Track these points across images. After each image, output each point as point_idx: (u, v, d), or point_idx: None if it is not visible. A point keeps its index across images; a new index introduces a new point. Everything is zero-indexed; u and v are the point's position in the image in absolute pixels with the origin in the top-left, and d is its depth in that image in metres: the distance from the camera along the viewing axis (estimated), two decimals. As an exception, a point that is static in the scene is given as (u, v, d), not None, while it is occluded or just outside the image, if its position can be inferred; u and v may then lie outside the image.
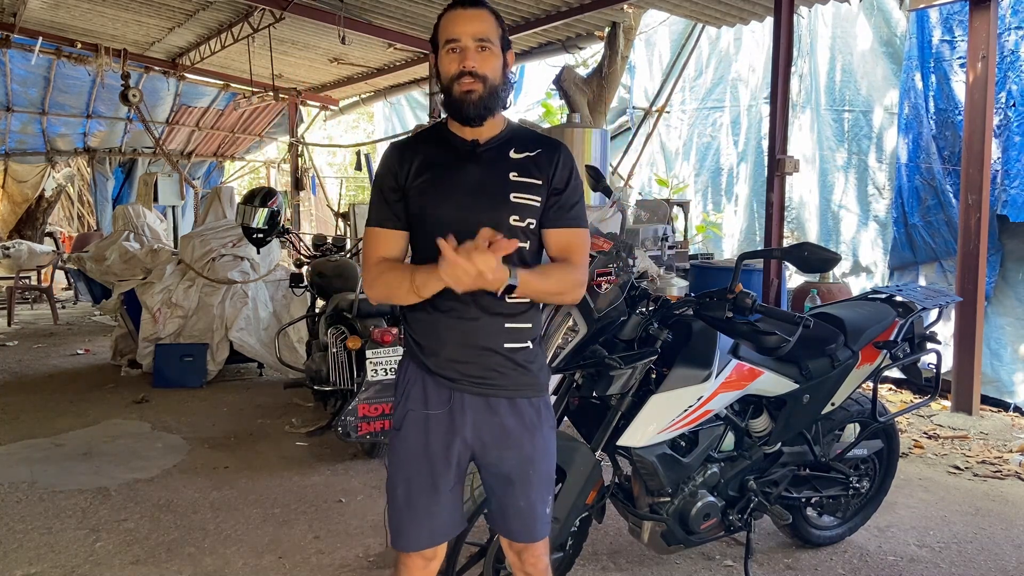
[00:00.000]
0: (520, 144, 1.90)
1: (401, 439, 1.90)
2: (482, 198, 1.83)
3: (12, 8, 9.00)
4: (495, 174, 1.85)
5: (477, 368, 1.85)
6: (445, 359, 1.85)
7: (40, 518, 3.60)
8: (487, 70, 1.80)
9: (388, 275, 1.82)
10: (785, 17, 5.60)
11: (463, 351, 1.85)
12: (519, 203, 1.84)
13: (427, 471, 1.87)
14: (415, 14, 8.26)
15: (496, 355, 1.85)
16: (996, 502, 3.84)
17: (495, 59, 1.82)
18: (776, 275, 5.65)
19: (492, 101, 1.82)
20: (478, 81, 1.79)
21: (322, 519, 3.58)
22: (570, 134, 5.20)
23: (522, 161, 1.87)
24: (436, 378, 1.87)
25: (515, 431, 1.88)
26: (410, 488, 1.89)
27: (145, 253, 7.28)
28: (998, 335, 5.57)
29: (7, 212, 13.04)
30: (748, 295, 2.37)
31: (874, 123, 6.99)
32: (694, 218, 8.69)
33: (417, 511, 1.89)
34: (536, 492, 1.92)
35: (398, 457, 1.91)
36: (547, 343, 2.41)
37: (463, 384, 1.86)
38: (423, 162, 1.85)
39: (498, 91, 1.83)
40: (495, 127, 1.89)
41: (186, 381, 6.02)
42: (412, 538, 1.90)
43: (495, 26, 1.84)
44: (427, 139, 1.93)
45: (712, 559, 3.18)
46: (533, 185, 1.86)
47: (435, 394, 1.87)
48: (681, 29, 9.04)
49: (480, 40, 1.79)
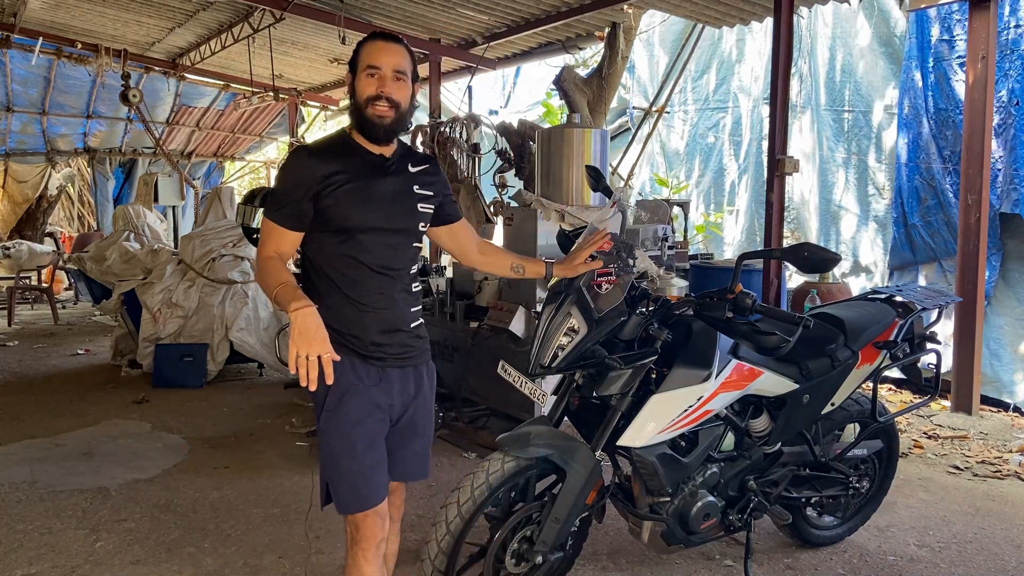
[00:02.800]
0: (413, 159, 2.24)
1: (341, 413, 2.10)
2: (399, 207, 2.14)
3: (12, 8, 9.00)
4: (405, 187, 2.17)
5: (396, 347, 2.16)
6: (371, 343, 2.12)
7: (40, 518, 3.60)
8: (400, 98, 2.08)
9: (265, 276, 2.02)
10: (785, 17, 5.60)
11: (385, 335, 2.14)
12: (423, 212, 2.22)
13: (366, 431, 2.11)
14: (415, 14, 8.26)
15: (406, 333, 2.19)
16: (996, 502, 3.84)
17: (407, 89, 2.11)
18: (776, 275, 5.65)
19: (399, 126, 2.12)
20: (392, 108, 2.06)
21: (322, 519, 3.57)
22: (570, 134, 5.19)
23: (419, 175, 2.22)
24: (367, 360, 2.13)
25: (422, 390, 2.26)
26: (355, 450, 2.10)
27: (145, 253, 7.29)
28: (998, 335, 5.57)
29: (7, 212, 13.04)
30: (748, 295, 2.37)
31: (874, 123, 6.99)
32: (694, 218, 8.69)
33: (368, 468, 2.11)
34: (428, 432, 2.33)
35: (339, 430, 2.10)
36: (547, 343, 2.41)
37: (388, 361, 2.15)
38: (340, 171, 2.06)
39: (405, 117, 2.12)
40: (394, 144, 2.19)
41: (186, 381, 6.02)
42: (373, 493, 2.11)
43: (410, 61, 2.12)
44: (336, 149, 2.13)
45: (712, 559, 3.19)
46: (429, 196, 2.23)
47: (365, 373, 2.12)
48: (681, 29, 9.05)
49: (397, 71, 2.07)
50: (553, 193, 5.21)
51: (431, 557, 2.40)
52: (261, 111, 13.43)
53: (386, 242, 2.12)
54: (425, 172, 2.24)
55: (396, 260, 2.15)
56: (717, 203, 8.93)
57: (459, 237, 2.42)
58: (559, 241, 2.74)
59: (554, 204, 4.86)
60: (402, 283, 2.18)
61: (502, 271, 2.50)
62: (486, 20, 8.14)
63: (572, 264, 2.43)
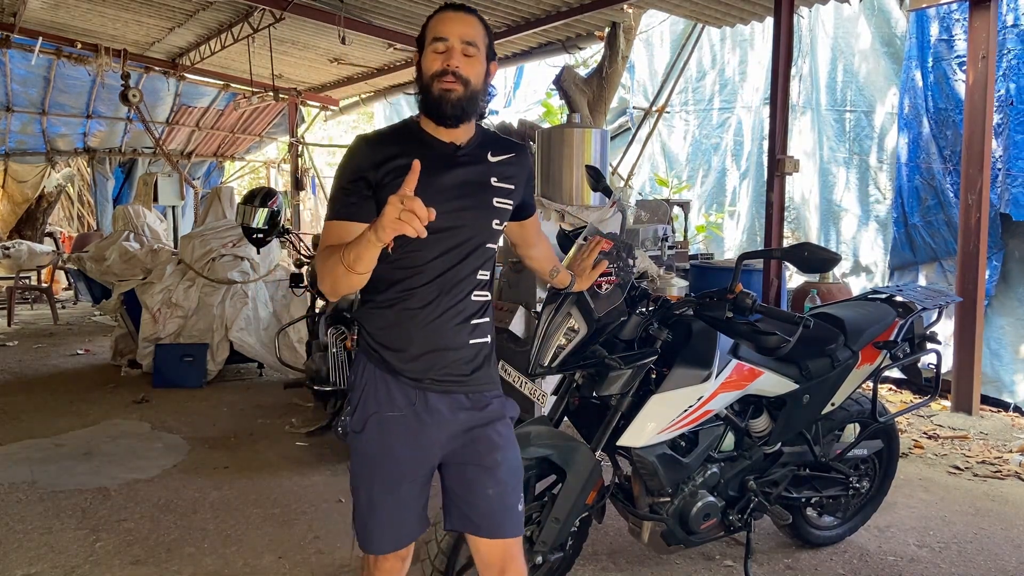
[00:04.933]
0: (495, 147, 1.93)
1: (364, 440, 1.87)
2: (467, 202, 1.84)
3: (12, 8, 8.99)
4: (478, 179, 1.87)
5: (440, 368, 1.84)
6: (410, 358, 1.83)
7: (40, 518, 3.60)
8: (470, 74, 1.79)
9: (327, 261, 1.70)
10: (785, 17, 5.60)
11: (431, 353, 1.83)
12: (500, 207, 1.90)
13: (390, 473, 1.86)
14: (415, 14, 8.25)
15: (460, 351, 1.86)
16: (996, 502, 3.84)
17: (479, 65, 1.82)
18: (776, 275, 5.65)
19: (470, 105, 1.81)
20: (459, 82, 1.77)
21: (322, 519, 3.58)
22: (570, 134, 5.20)
23: (499, 165, 1.91)
24: (400, 379, 1.84)
25: (480, 420, 1.88)
26: (372, 490, 1.87)
27: (145, 253, 7.28)
28: (998, 335, 5.57)
29: (7, 212, 13.03)
30: (748, 295, 2.37)
31: (875, 123, 6.99)
32: (695, 218, 8.69)
33: (381, 513, 1.88)
34: (504, 482, 1.89)
35: (359, 459, 1.89)
36: (547, 343, 2.41)
37: (427, 383, 1.84)
38: (401, 160, 1.76)
39: (477, 96, 1.81)
40: (469, 130, 1.88)
41: (186, 381, 6.02)
42: (378, 540, 1.89)
43: (483, 34, 1.84)
44: (401, 136, 1.86)
45: (712, 559, 3.18)
46: (509, 190, 1.92)
47: (399, 395, 1.85)
48: (681, 29, 9.04)
49: (467, 43, 1.79)
50: (553, 193, 5.21)
51: (431, 557, 2.40)
52: (261, 111, 13.42)
53: (449, 244, 1.80)
54: (508, 162, 1.93)
55: (459, 264, 1.84)
56: (719, 204, 8.93)
57: (527, 231, 2.16)
58: (559, 241, 2.73)
59: (554, 204, 4.87)
60: (463, 291, 1.85)
61: (542, 272, 2.30)
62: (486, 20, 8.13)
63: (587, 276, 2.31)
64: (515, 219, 2.06)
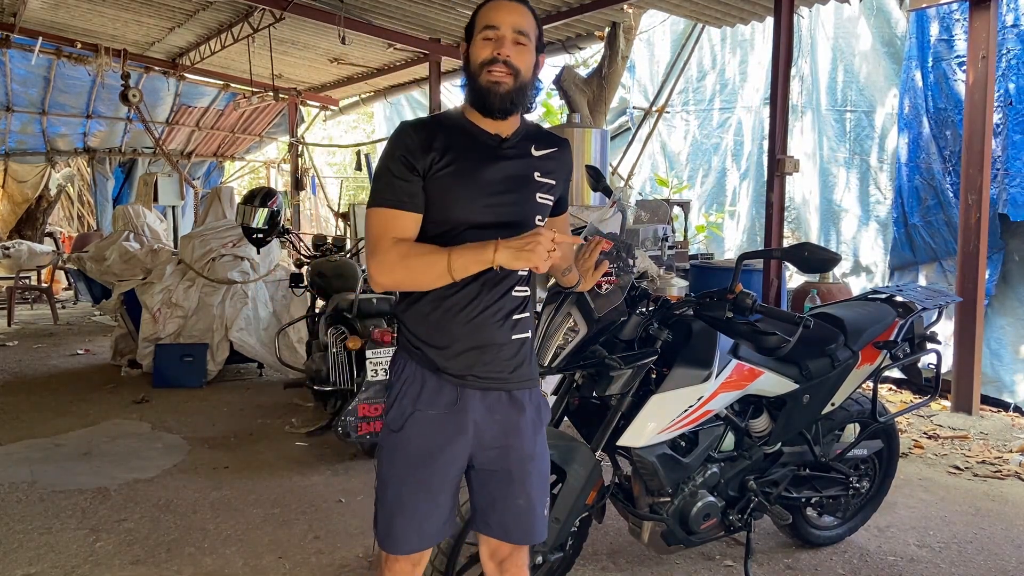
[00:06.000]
0: (539, 141, 1.90)
1: (401, 439, 1.83)
2: (512, 197, 1.81)
3: (12, 8, 9.00)
4: (522, 173, 1.84)
5: (483, 364, 1.82)
6: (453, 355, 1.80)
7: (40, 518, 3.60)
8: (521, 64, 1.75)
9: (414, 260, 1.71)
10: (785, 17, 5.60)
11: (474, 350, 1.81)
12: (542, 203, 1.87)
13: (425, 473, 1.83)
14: (415, 14, 8.26)
15: (502, 347, 1.83)
16: (996, 502, 3.84)
17: (529, 55, 1.78)
18: (776, 275, 5.65)
19: (519, 97, 1.77)
20: (510, 73, 1.74)
21: (322, 519, 3.58)
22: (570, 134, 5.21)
23: (543, 160, 1.88)
24: (441, 376, 1.82)
25: (518, 426, 1.86)
26: (402, 489, 1.84)
27: (145, 253, 7.28)
28: (998, 335, 5.57)
29: (7, 212, 13.03)
30: (748, 295, 2.37)
31: (876, 123, 6.99)
32: (695, 218, 8.69)
33: (410, 513, 1.84)
34: (536, 490, 1.89)
35: (393, 457, 1.85)
36: (547, 343, 2.41)
37: (469, 380, 1.82)
38: (448, 149, 1.76)
39: (526, 88, 1.78)
40: (515, 122, 1.85)
41: (186, 381, 6.02)
42: (402, 540, 1.86)
43: (535, 24, 1.81)
44: (446, 124, 1.82)
45: (712, 559, 3.18)
46: (551, 185, 1.90)
47: (439, 393, 1.82)
48: (681, 29, 9.05)
49: (519, 32, 1.75)
50: (553, 193, 5.22)
51: (431, 557, 2.40)
52: (261, 111, 13.42)
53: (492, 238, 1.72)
54: (550, 156, 1.90)
55: None
56: (719, 204, 8.93)
57: (557, 228, 2.05)
58: (559, 241, 2.73)
59: (554, 204, 4.88)
60: (505, 287, 1.82)
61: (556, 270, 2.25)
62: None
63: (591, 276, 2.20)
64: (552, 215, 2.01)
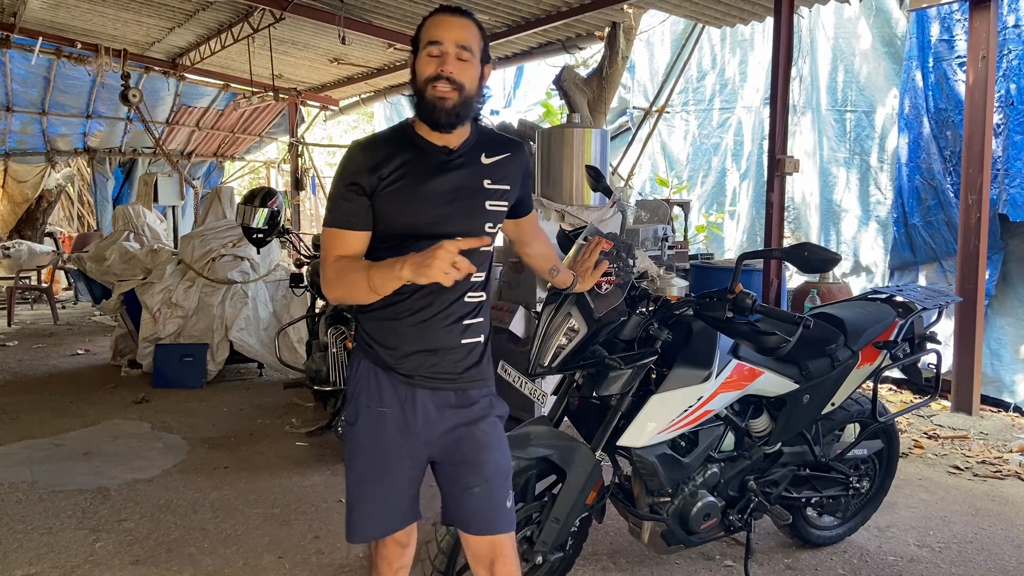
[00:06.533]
0: (489, 148, 1.93)
1: (356, 433, 1.94)
2: (458, 207, 1.85)
3: (12, 8, 8.99)
4: (470, 183, 1.88)
5: (429, 366, 1.89)
6: (402, 356, 1.89)
7: (40, 518, 3.60)
8: (464, 78, 1.80)
9: (348, 276, 1.78)
10: (785, 17, 5.60)
11: (422, 353, 1.88)
12: (493, 210, 1.91)
13: (379, 466, 1.92)
14: (415, 14, 8.25)
15: (452, 351, 1.90)
16: (996, 502, 3.84)
17: (473, 69, 1.82)
18: (776, 275, 5.65)
19: (464, 110, 1.82)
20: (454, 89, 1.78)
21: (322, 519, 3.58)
22: (570, 134, 5.20)
23: (493, 167, 1.92)
24: (392, 374, 1.90)
25: (468, 418, 1.93)
26: (360, 481, 1.94)
27: (145, 253, 7.28)
28: (998, 335, 5.57)
29: (7, 212, 13.03)
30: (748, 295, 2.37)
31: (876, 123, 6.99)
32: (695, 218, 8.69)
33: (367, 503, 1.94)
34: (493, 479, 1.93)
35: (351, 450, 1.96)
36: (547, 343, 2.41)
37: (417, 380, 1.90)
38: (395, 166, 1.82)
39: (471, 101, 1.83)
40: (463, 133, 1.89)
41: (186, 381, 6.02)
42: (359, 529, 1.96)
43: (478, 37, 1.84)
44: (394, 141, 1.88)
45: (712, 559, 3.18)
46: (504, 191, 1.93)
47: (390, 391, 1.91)
48: (681, 29, 9.04)
49: (462, 47, 1.79)
50: (553, 193, 5.21)
51: (431, 557, 2.40)
52: (261, 111, 13.42)
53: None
54: (502, 162, 1.93)
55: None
56: (719, 204, 8.93)
57: (524, 229, 2.17)
58: (559, 241, 2.73)
59: (554, 204, 4.87)
60: (456, 294, 1.87)
61: (541, 271, 2.31)
62: (486, 20, 8.13)
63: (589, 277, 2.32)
64: (511, 217, 2.06)
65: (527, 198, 2.10)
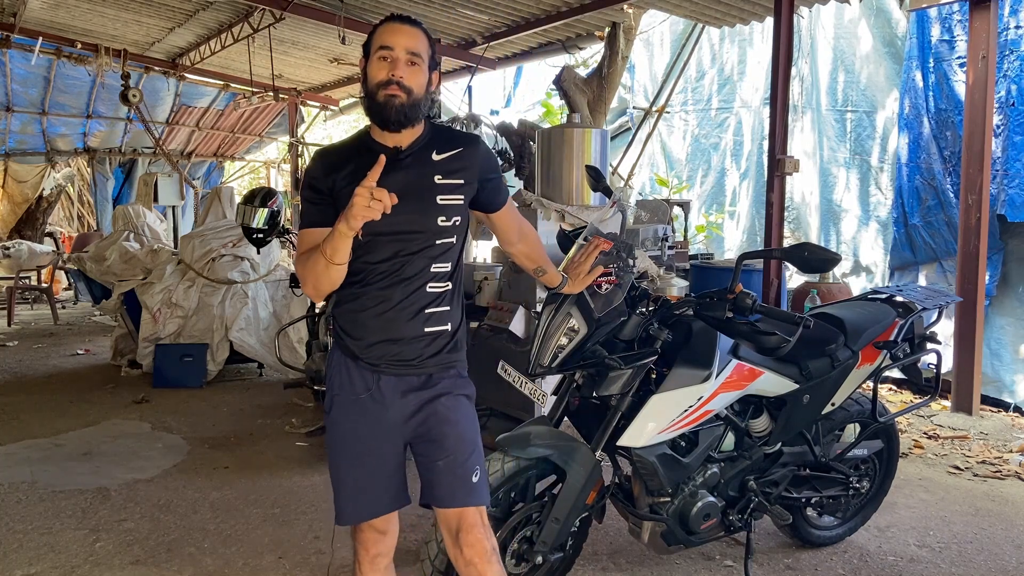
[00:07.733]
0: (440, 145, 2.02)
1: (331, 421, 2.05)
2: (409, 203, 1.91)
3: (12, 8, 8.99)
4: (420, 179, 1.97)
5: (395, 353, 1.99)
6: (367, 345, 1.99)
7: (40, 518, 3.60)
8: (413, 83, 1.90)
9: (310, 261, 1.89)
10: (785, 17, 5.60)
11: (386, 342, 1.99)
12: (446, 204, 1.99)
13: (354, 451, 2.02)
14: (415, 14, 8.21)
15: (415, 340, 2.00)
16: (996, 502, 3.84)
17: (421, 75, 1.93)
18: (776, 275, 5.65)
19: (413, 111, 1.92)
20: (403, 92, 1.89)
21: (322, 519, 3.57)
22: (570, 134, 5.19)
23: (444, 162, 2.00)
24: (359, 363, 2.01)
25: (431, 397, 2.02)
26: (338, 467, 2.05)
27: (145, 253, 7.28)
28: (998, 335, 5.57)
29: (7, 212, 13.04)
30: (748, 295, 2.37)
31: (877, 123, 6.98)
32: (695, 218, 8.68)
33: (347, 488, 2.04)
34: (457, 453, 2.00)
35: (329, 438, 2.07)
36: (547, 343, 2.41)
37: (383, 367, 2.00)
38: (349, 170, 1.93)
39: (419, 104, 1.93)
40: (415, 132, 1.99)
41: (186, 381, 6.02)
42: (341, 513, 2.06)
43: (427, 46, 1.95)
44: (350, 146, 2.02)
45: (712, 559, 3.18)
46: (457, 185, 2.00)
47: (359, 380, 2.01)
48: (681, 29, 9.04)
49: (411, 54, 1.90)
50: (553, 193, 5.21)
51: (431, 557, 2.40)
52: (261, 111, 13.42)
53: (395, 244, 1.95)
54: (455, 158, 2.00)
55: (408, 262, 1.96)
56: (719, 204, 8.93)
57: (501, 222, 2.20)
58: (559, 241, 2.73)
59: (554, 204, 4.86)
60: (416, 285, 1.98)
61: (527, 270, 2.35)
62: (486, 20, 8.14)
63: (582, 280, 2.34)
64: (480, 210, 2.13)
65: (496, 192, 2.12)
